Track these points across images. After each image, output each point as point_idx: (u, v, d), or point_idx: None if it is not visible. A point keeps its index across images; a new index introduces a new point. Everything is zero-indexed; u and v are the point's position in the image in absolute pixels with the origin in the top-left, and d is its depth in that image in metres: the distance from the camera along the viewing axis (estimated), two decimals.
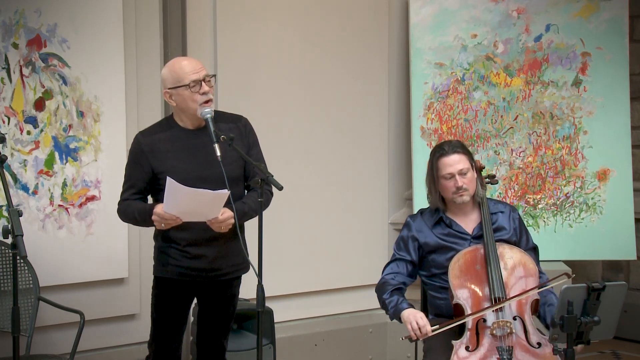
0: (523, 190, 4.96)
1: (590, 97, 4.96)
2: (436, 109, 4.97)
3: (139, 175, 3.34)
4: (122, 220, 3.46)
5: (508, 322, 3.22)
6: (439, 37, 4.96)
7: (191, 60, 3.39)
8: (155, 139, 3.34)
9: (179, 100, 3.30)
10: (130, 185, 3.36)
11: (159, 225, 3.22)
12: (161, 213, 3.18)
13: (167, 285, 3.42)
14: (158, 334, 3.47)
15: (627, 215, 4.92)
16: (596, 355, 5.22)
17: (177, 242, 3.34)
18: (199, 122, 3.34)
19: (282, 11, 4.80)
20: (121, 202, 3.39)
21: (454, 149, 3.47)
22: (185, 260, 3.35)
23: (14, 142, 3.96)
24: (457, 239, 3.50)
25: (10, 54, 3.93)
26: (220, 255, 3.37)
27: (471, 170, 3.48)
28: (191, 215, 3.20)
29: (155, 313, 3.47)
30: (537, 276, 3.36)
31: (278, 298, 4.63)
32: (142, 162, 3.32)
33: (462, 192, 3.45)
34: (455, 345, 3.22)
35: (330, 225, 4.99)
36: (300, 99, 4.88)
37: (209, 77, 3.32)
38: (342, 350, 5.02)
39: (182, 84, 3.27)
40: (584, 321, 2.79)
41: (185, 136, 3.34)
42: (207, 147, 3.26)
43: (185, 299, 3.47)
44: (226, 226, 3.26)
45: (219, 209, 3.20)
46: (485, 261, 3.35)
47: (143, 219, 3.30)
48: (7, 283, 3.87)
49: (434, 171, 3.50)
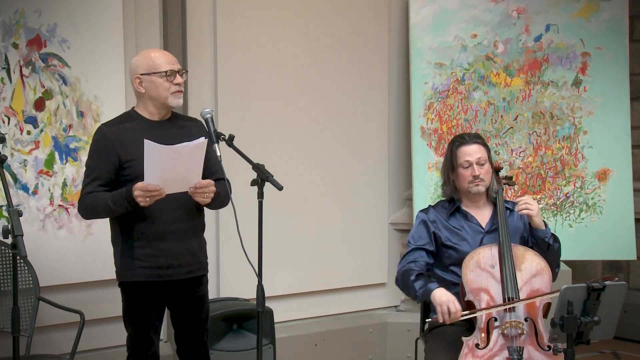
0: (523, 190, 4.96)
1: (590, 97, 4.97)
2: (436, 109, 4.97)
3: (104, 165, 3.25)
4: (83, 215, 3.34)
5: (520, 322, 3.22)
6: (439, 37, 4.97)
7: (166, 52, 3.40)
8: (121, 128, 3.30)
9: (150, 87, 3.29)
10: (95, 177, 3.25)
11: (144, 201, 3.11)
12: (143, 186, 3.10)
13: (136, 290, 3.33)
14: (136, 343, 3.39)
15: (627, 215, 4.92)
16: (596, 355, 5.22)
17: (141, 239, 3.26)
18: (166, 112, 3.35)
19: (282, 11, 4.80)
20: (85, 195, 3.26)
21: (473, 140, 3.53)
22: (150, 259, 3.28)
23: (14, 142, 3.96)
24: (471, 232, 3.51)
25: (10, 54, 3.93)
26: (186, 251, 3.33)
27: (488, 162, 3.51)
28: (173, 184, 3.15)
29: (130, 324, 3.38)
30: (551, 279, 3.36)
31: (278, 298, 4.63)
32: (107, 152, 3.25)
33: (478, 182, 3.47)
34: (465, 342, 3.22)
35: (330, 225, 4.99)
36: (300, 99, 4.88)
37: (183, 72, 3.34)
38: (342, 350, 5.02)
39: (157, 70, 3.27)
40: (584, 321, 2.79)
41: (151, 127, 3.31)
42: (175, 138, 3.23)
43: (156, 303, 3.37)
44: (209, 194, 3.23)
45: (199, 171, 3.17)
46: (500, 260, 3.35)
47: (119, 203, 3.17)
48: (7, 283, 3.87)
49: (452, 159, 3.52)
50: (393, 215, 5.23)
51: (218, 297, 4.52)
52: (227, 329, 4.21)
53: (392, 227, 5.22)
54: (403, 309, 5.27)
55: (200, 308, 3.46)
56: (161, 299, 3.40)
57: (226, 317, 4.20)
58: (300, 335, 4.89)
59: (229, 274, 4.56)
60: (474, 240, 3.49)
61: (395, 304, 5.29)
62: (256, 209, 3.18)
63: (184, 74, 3.35)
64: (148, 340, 3.39)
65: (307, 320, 4.98)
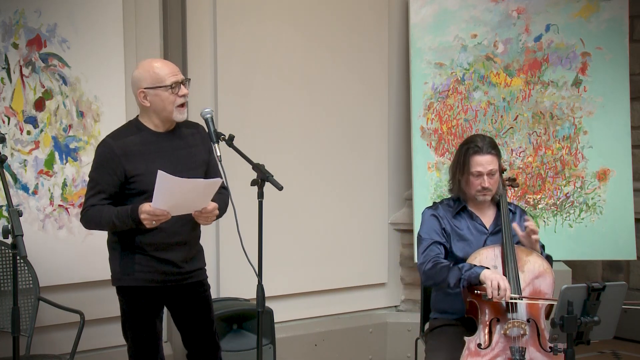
0: (523, 191, 4.96)
1: (590, 97, 4.97)
2: (436, 109, 4.97)
3: (110, 179, 3.20)
4: (86, 226, 3.29)
5: (522, 322, 3.22)
6: (439, 37, 4.96)
7: (167, 62, 3.35)
8: (127, 142, 3.23)
9: (155, 100, 3.22)
10: (100, 191, 3.21)
11: (149, 223, 3.10)
12: (151, 210, 3.07)
13: (135, 295, 3.30)
14: (137, 350, 3.34)
15: (627, 215, 4.92)
16: (596, 355, 5.22)
17: (143, 248, 3.25)
18: (170, 124, 3.30)
19: (282, 11, 4.80)
20: (89, 208, 3.22)
21: (488, 150, 3.46)
22: (152, 265, 3.26)
23: (14, 142, 3.96)
24: (476, 232, 3.51)
25: (10, 54, 3.93)
26: (188, 259, 3.33)
27: (498, 172, 3.50)
28: (180, 208, 3.15)
29: (129, 329, 3.34)
30: (553, 281, 3.36)
31: (278, 298, 4.63)
32: (114, 166, 3.19)
33: (486, 192, 3.48)
34: (468, 342, 3.22)
35: (330, 225, 4.99)
36: (300, 99, 4.87)
37: (185, 81, 3.29)
38: (342, 350, 5.02)
39: (162, 84, 3.21)
40: (584, 321, 2.79)
41: (157, 139, 3.27)
42: (180, 150, 3.26)
43: (156, 306, 3.36)
44: (212, 217, 3.25)
45: (207, 200, 3.17)
46: (503, 261, 3.35)
47: (123, 221, 3.15)
48: (7, 283, 3.87)
49: (464, 166, 3.48)
50: (393, 215, 5.23)
51: (218, 297, 4.51)
52: (227, 329, 4.21)
53: (392, 227, 5.22)
54: (403, 309, 5.27)
55: (206, 309, 3.45)
56: (160, 303, 3.38)
57: (226, 317, 4.20)
58: (300, 335, 4.89)
59: (229, 274, 4.56)
60: (477, 240, 3.49)
61: (395, 304, 5.29)
62: (256, 209, 3.18)
63: (188, 83, 3.30)
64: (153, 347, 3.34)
65: (307, 320, 4.97)
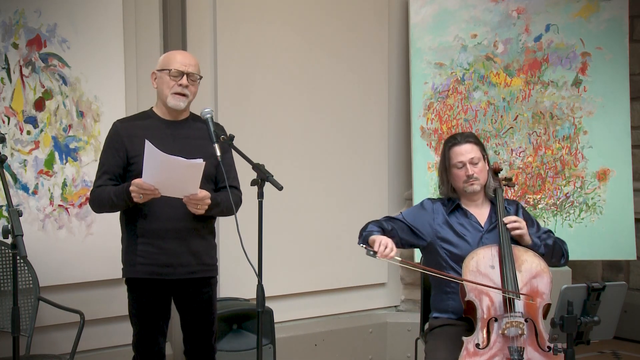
0: (523, 190, 4.96)
1: (590, 97, 4.97)
2: (436, 109, 4.97)
3: (114, 160, 3.33)
4: (93, 208, 3.38)
5: (520, 322, 3.22)
6: (439, 37, 4.97)
7: (188, 55, 3.42)
8: (133, 125, 3.37)
9: (158, 83, 3.37)
10: (105, 171, 3.34)
11: (137, 197, 3.17)
12: (139, 183, 3.15)
13: (140, 286, 3.37)
14: (141, 338, 3.41)
15: (627, 215, 4.92)
16: (596, 355, 5.22)
17: (143, 235, 3.31)
18: (177, 113, 3.38)
19: (282, 11, 4.80)
20: (95, 189, 3.35)
21: (465, 139, 3.54)
22: (150, 256, 3.31)
23: (14, 142, 3.96)
24: (471, 230, 3.51)
25: (10, 54, 3.93)
26: (187, 250, 3.34)
27: (482, 160, 3.52)
28: (169, 189, 3.18)
29: (136, 317, 3.41)
30: (551, 281, 3.36)
31: (278, 298, 4.63)
32: (117, 147, 3.33)
33: (473, 181, 3.49)
34: (466, 342, 3.22)
35: (330, 225, 4.99)
36: (300, 99, 4.88)
37: (194, 76, 3.35)
38: (342, 350, 5.02)
39: (166, 67, 3.32)
40: (584, 321, 2.79)
41: (162, 126, 3.37)
42: (184, 139, 3.31)
43: (161, 299, 3.40)
44: (202, 206, 3.25)
45: (195, 184, 3.19)
46: (500, 261, 3.35)
47: (120, 197, 3.23)
48: (7, 283, 3.87)
49: (446, 161, 3.54)
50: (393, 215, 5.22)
51: (218, 297, 4.51)
52: (227, 329, 4.21)
53: None
54: (403, 309, 5.27)
55: (206, 310, 3.46)
56: (166, 299, 3.41)
57: (226, 317, 4.20)
58: (300, 335, 4.89)
59: (229, 274, 4.56)
60: (473, 238, 3.49)
61: (395, 304, 5.29)
62: (256, 209, 3.18)
63: (195, 80, 3.36)
64: (152, 338, 3.40)
65: (307, 320, 4.98)
